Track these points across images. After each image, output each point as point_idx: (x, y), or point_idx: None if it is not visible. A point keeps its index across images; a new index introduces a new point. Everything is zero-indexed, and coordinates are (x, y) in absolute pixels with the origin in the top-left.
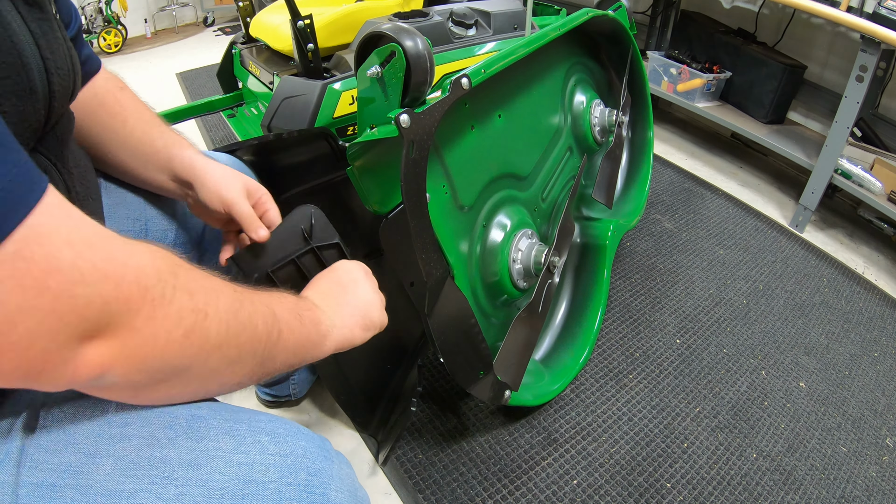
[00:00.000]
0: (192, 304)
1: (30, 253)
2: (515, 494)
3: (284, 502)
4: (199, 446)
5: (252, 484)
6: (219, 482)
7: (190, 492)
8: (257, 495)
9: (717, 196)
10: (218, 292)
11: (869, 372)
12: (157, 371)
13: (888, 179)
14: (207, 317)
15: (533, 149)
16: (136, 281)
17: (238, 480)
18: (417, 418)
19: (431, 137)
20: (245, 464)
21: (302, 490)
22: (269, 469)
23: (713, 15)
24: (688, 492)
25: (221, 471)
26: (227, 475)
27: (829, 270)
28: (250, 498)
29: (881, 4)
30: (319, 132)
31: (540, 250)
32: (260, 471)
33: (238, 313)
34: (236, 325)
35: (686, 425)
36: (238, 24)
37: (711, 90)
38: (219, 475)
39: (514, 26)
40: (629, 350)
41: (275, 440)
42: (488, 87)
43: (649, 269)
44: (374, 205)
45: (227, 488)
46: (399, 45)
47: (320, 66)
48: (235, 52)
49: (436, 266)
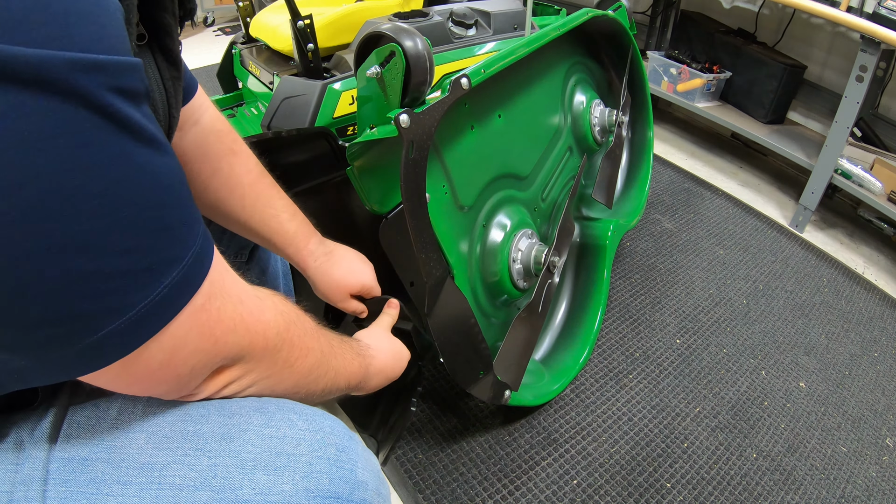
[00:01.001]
0: (288, 356)
1: (210, 306)
2: (515, 494)
3: (315, 475)
4: (231, 421)
5: (284, 456)
6: (251, 454)
7: (223, 462)
8: (289, 467)
9: (717, 196)
10: (309, 352)
11: (869, 372)
12: (252, 390)
13: (888, 179)
14: (291, 368)
15: (533, 149)
16: (263, 334)
17: (270, 452)
18: (417, 418)
19: (431, 137)
20: (276, 437)
21: (332, 464)
22: (300, 443)
23: (713, 15)
24: (688, 492)
25: (254, 443)
26: (259, 447)
27: (829, 270)
28: (282, 469)
29: (881, 4)
30: (319, 132)
31: (540, 250)
32: (291, 444)
33: (311, 372)
34: (304, 381)
35: (686, 425)
36: (238, 24)
37: (711, 90)
38: (251, 447)
39: (514, 26)
40: (629, 350)
41: (303, 418)
42: (488, 87)
43: (649, 269)
44: (373, 205)
45: (259, 459)
46: (399, 46)
47: (320, 66)
48: (235, 52)
49: (436, 266)
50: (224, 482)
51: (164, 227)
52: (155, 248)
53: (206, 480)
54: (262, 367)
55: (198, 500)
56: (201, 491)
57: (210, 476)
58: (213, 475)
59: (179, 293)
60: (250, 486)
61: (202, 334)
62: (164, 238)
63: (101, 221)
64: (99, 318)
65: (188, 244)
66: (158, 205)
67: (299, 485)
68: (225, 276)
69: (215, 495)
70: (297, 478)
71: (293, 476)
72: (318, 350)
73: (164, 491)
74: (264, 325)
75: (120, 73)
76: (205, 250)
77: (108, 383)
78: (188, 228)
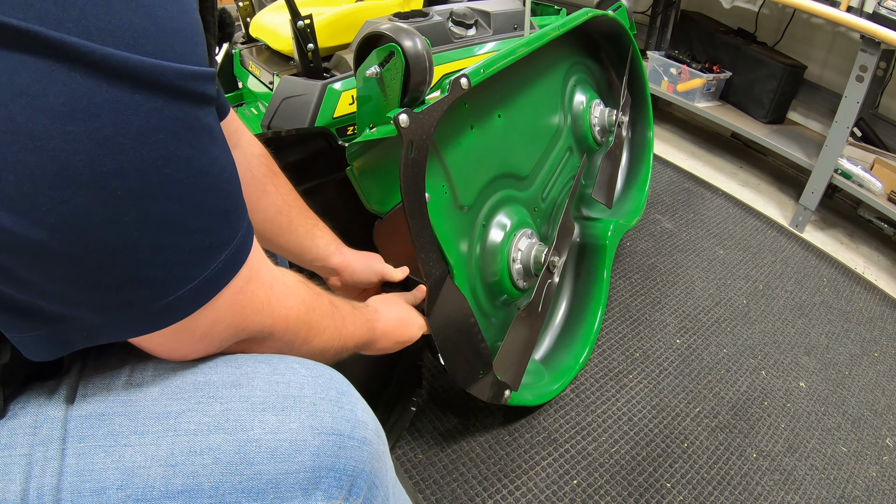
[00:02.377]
0: (306, 335)
1: (247, 288)
2: (515, 494)
3: (319, 414)
4: (239, 371)
5: (290, 398)
6: (260, 397)
7: (234, 407)
8: (295, 408)
9: (717, 196)
10: (323, 330)
11: (869, 372)
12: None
13: (888, 179)
14: (307, 345)
15: (533, 149)
16: (286, 318)
17: (277, 395)
18: (417, 418)
19: (431, 137)
20: (282, 382)
21: (334, 404)
22: (304, 386)
23: (713, 15)
24: (688, 492)
25: (261, 388)
26: (266, 392)
27: (829, 270)
28: (289, 410)
29: (881, 4)
30: (319, 131)
31: (540, 250)
32: (296, 388)
33: (325, 346)
34: (317, 355)
35: (686, 425)
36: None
37: (711, 90)
38: (259, 392)
39: (514, 26)
40: (629, 350)
41: (306, 366)
42: (488, 87)
43: (649, 269)
44: (373, 205)
45: (267, 402)
46: (398, 45)
47: (320, 66)
48: (235, 52)
49: (435, 266)
50: (236, 424)
51: (224, 212)
52: (216, 230)
53: (219, 424)
54: (281, 343)
55: (212, 443)
56: (215, 434)
57: (223, 420)
58: (225, 419)
59: (228, 269)
60: (261, 427)
61: (236, 312)
62: (223, 222)
63: (184, 204)
64: (170, 284)
65: (238, 229)
66: (223, 193)
67: (305, 423)
68: (261, 262)
69: (228, 437)
70: (303, 416)
71: (299, 415)
72: (333, 327)
73: (180, 437)
74: (287, 310)
75: (205, 81)
76: (248, 236)
77: (157, 346)
78: (237, 215)
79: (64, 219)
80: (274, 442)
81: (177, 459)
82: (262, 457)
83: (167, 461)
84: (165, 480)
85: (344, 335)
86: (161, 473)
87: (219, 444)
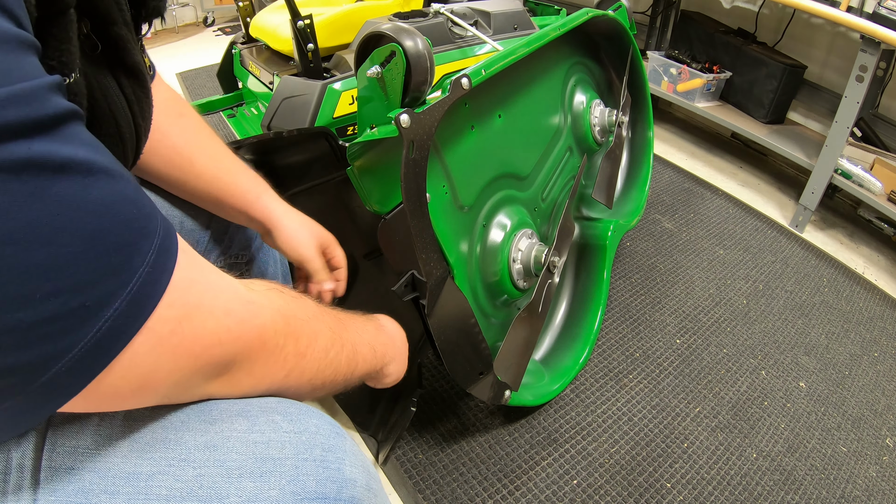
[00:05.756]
0: (297, 348)
1: (181, 329)
2: (515, 494)
3: (302, 478)
4: (214, 428)
5: (269, 461)
6: (236, 461)
7: (208, 472)
8: (275, 472)
9: (717, 196)
10: (317, 335)
11: (869, 372)
12: (254, 393)
13: (888, 179)
14: (305, 357)
15: (533, 149)
16: (259, 338)
17: (255, 459)
18: (417, 418)
19: (431, 137)
20: (261, 442)
21: (318, 465)
22: (284, 446)
23: (713, 15)
24: (688, 492)
25: (238, 450)
26: (243, 454)
27: (829, 270)
28: (268, 475)
29: (881, 4)
30: (319, 132)
31: (540, 250)
32: (276, 448)
33: (328, 352)
34: (325, 363)
35: (686, 425)
36: (238, 24)
37: (711, 90)
38: (236, 454)
39: (514, 26)
40: (629, 350)
41: (287, 419)
42: (488, 87)
43: (649, 269)
44: (374, 205)
45: (244, 467)
46: (399, 45)
47: (320, 66)
48: (235, 52)
49: (436, 266)
50: (211, 492)
51: (96, 257)
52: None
53: (193, 491)
54: (269, 365)
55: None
56: (189, 502)
57: (196, 486)
58: (199, 485)
59: (127, 322)
60: (237, 495)
61: (177, 355)
62: (96, 270)
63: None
64: (37, 365)
65: (131, 268)
66: (85, 236)
67: (286, 489)
68: (204, 294)
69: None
70: (284, 482)
71: (279, 481)
72: (327, 329)
73: (152, 501)
74: (259, 329)
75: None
76: (159, 269)
77: (86, 409)
78: (130, 251)
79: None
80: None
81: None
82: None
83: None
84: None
85: (349, 337)
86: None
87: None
